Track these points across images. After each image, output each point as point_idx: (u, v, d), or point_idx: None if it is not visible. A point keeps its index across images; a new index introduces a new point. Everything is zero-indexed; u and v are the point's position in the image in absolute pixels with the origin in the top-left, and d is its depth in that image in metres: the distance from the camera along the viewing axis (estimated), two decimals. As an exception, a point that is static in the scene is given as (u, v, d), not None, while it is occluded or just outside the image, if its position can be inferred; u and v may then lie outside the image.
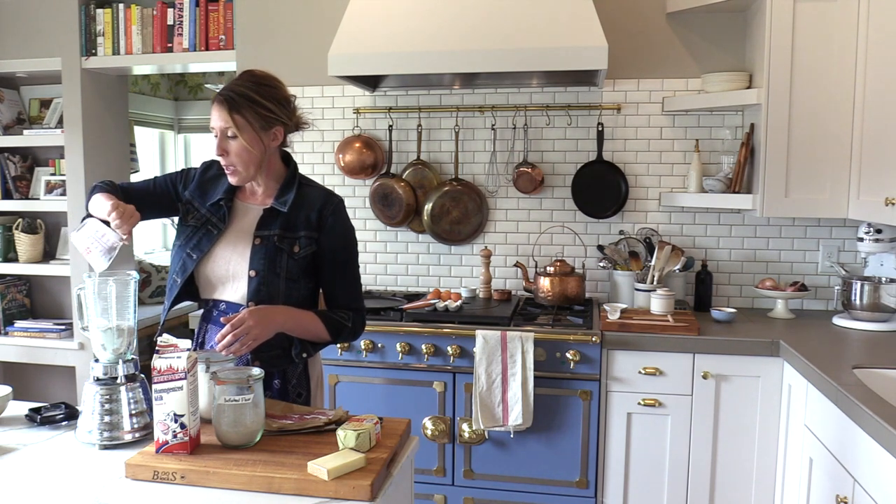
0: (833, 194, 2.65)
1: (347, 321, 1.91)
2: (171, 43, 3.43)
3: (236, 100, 1.79)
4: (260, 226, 1.86)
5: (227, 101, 1.79)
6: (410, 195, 3.28)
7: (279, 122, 1.85)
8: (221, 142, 1.81)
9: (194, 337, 1.97)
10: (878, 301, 2.68)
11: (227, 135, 1.80)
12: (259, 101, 1.80)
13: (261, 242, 1.85)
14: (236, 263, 1.86)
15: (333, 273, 1.93)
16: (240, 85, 1.82)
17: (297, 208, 1.87)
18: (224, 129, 1.80)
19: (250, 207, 1.91)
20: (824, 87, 2.62)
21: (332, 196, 1.94)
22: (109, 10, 3.49)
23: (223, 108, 1.79)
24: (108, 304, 1.59)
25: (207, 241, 1.87)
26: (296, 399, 1.92)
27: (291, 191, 1.88)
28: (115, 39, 3.50)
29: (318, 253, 1.89)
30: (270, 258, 1.84)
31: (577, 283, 2.94)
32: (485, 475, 2.74)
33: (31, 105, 3.89)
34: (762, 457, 2.58)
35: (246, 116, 1.79)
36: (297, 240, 1.86)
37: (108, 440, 1.56)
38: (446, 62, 2.72)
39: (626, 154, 3.14)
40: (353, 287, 1.97)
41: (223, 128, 1.80)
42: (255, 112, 1.80)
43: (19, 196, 3.76)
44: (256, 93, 1.81)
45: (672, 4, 3.01)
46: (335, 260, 1.91)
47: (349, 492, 1.32)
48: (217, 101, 1.81)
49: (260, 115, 1.80)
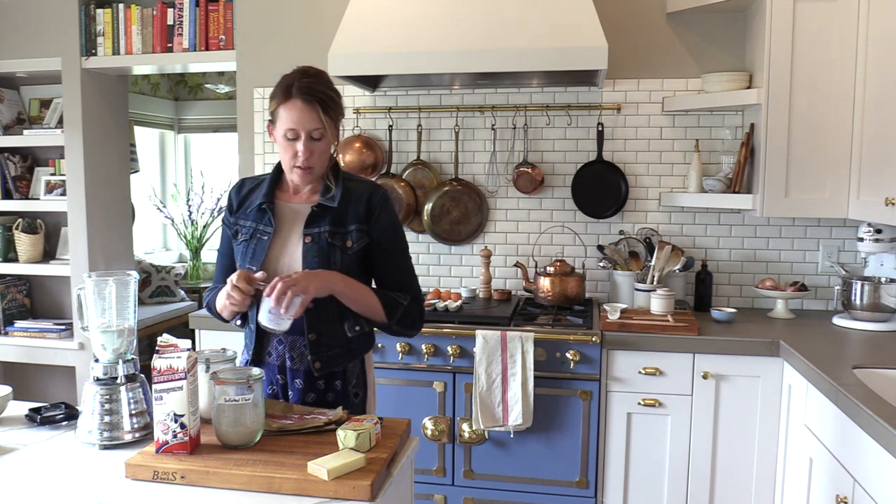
0: (833, 194, 2.65)
1: (403, 300, 1.87)
2: (171, 43, 3.43)
3: (326, 101, 1.77)
4: (309, 224, 1.83)
5: (320, 103, 1.76)
6: (410, 195, 3.28)
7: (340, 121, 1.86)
8: (308, 143, 1.78)
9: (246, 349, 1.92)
10: (878, 301, 2.68)
11: (314, 136, 1.78)
12: (338, 102, 1.82)
13: (311, 241, 1.82)
14: (289, 265, 1.82)
15: (387, 262, 1.90)
16: (319, 84, 1.79)
17: (344, 203, 1.85)
18: (313, 129, 1.77)
19: (296, 207, 1.88)
20: (824, 87, 2.62)
21: (378, 187, 1.93)
22: (109, 10, 3.49)
23: (316, 108, 1.76)
24: (107, 304, 1.59)
25: (261, 248, 1.84)
26: (353, 400, 1.89)
27: (338, 186, 1.86)
28: (115, 39, 3.50)
29: (370, 245, 1.87)
30: (324, 255, 1.81)
31: (577, 283, 2.94)
32: (485, 475, 2.74)
33: (31, 105, 3.89)
34: (762, 457, 2.58)
35: (332, 117, 1.79)
36: (349, 234, 1.84)
37: (108, 440, 1.56)
38: (446, 62, 2.72)
39: (626, 154, 3.14)
40: (407, 274, 1.93)
41: (313, 129, 1.77)
42: (337, 112, 1.81)
43: (19, 196, 3.76)
44: (335, 93, 1.81)
45: (672, 4, 3.01)
46: (387, 249, 1.89)
47: (349, 492, 1.32)
48: (305, 101, 1.76)
49: (339, 116, 1.82)
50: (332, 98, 1.79)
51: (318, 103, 1.76)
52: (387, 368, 2.77)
